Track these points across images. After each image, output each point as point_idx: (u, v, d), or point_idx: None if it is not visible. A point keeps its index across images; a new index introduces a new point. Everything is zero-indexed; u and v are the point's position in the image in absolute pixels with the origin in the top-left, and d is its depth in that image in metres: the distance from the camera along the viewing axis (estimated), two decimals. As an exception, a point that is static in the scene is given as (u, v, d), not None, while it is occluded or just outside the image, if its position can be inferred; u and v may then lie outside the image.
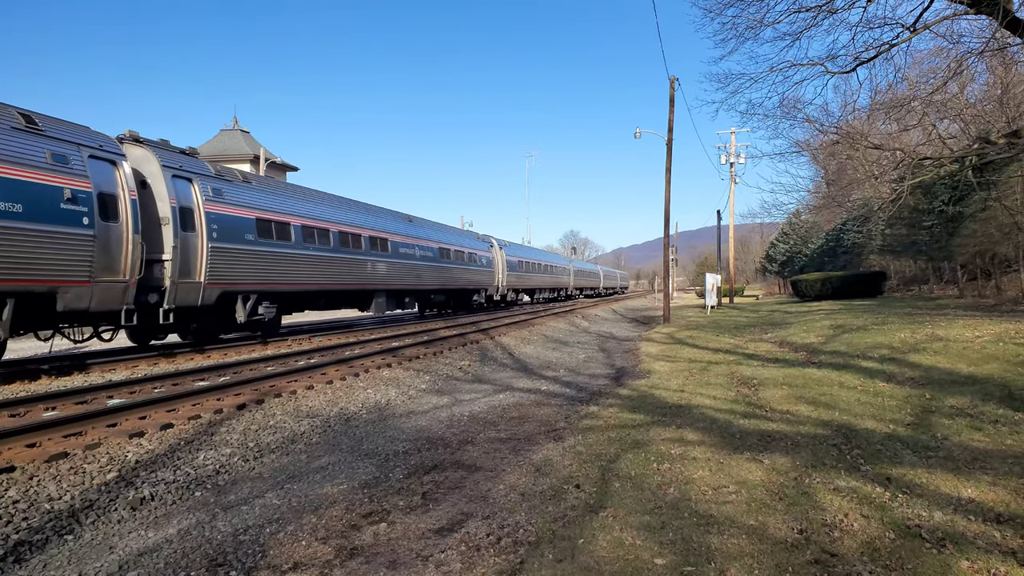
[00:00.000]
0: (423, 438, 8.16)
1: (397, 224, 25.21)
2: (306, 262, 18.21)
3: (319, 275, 18.82)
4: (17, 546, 4.74)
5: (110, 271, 12.05)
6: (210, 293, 14.68)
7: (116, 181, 12.40)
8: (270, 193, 17.60)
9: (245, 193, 16.32)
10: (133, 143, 13.95)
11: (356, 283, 21.02)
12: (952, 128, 24.16)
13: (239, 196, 16.00)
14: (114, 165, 12.48)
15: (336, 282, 19.74)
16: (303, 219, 18.31)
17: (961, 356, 11.24)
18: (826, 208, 46.21)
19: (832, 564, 4.03)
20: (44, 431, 7.06)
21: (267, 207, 16.95)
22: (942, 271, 34.36)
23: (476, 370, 14.14)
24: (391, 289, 23.65)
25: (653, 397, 10.05)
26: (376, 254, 22.39)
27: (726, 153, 46.75)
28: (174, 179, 14.06)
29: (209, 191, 14.94)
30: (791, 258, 62.39)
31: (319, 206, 19.91)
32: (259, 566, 4.47)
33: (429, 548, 4.66)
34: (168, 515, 5.54)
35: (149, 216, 13.34)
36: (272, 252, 16.70)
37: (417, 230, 26.98)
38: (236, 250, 15.44)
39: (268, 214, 16.83)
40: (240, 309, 15.88)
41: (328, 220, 19.75)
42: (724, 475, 5.83)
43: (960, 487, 5.29)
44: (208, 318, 15.65)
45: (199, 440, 7.44)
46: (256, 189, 17.00)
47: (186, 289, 14.03)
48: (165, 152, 14.44)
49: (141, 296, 13.11)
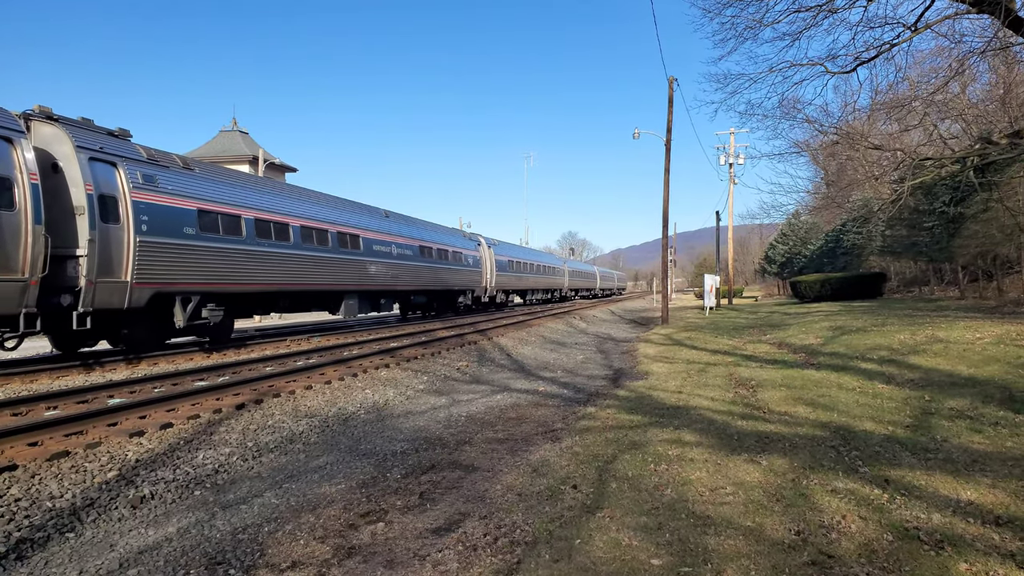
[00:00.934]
0: (421, 438, 8.18)
1: (371, 220, 23.37)
2: (262, 260, 16.32)
3: (278, 275, 16.93)
4: (19, 543, 4.76)
5: (3, 268, 10.44)
6: (140, 294, 12.72)
7: (12, 162, 10.73)
8: (217, 182, 15.68)
9: (185, 181, 14.40)
10: (43, 120, 12.15)
11: (323, 283, 19.13)
12: (954, 128, 24.19)
13: (177, 184, 14.07)
14: (10, 143, 10.84)
15: (298, 282, 17.86)
16: (258, 212, 16.44)
17: (961, 358, 11.24)
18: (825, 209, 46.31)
19: (829, 566, 4.04)
20: (46, 430, 7.08)
21: (213, 197, 15.00)
22: (943, 272, 34.38)
23: (474, 371, 14.15)
24: (364, 290, 21.81)
25: (651, 398, 10.06)
26: (346, 252, 20.52)
27: (725, 154, 46.74)
28: (92, 163, 12.12)
29: (139, 177, 12.97)
30: (790, 259, 62.38)
31: (279, 198, 18.04)
32: (258, 565, 4.48)
33: (426, 548, 4.67)
34: (168, 514, 5.56)
35: (59, 205, 11.67)
36: (219, 248, 14.85)
37: (395, 226, 25.18)
38: (173, 245, 13.51)
39: (214, 205, 14.93)
40: (179, 312, 13.99)
41: (289, 214, 17.85)
42: (721, 476, 5.84)
43: (959, 489, 5.29)
44: (140, 323, 13.76)
45: (198, 439, 7.45)
46: (199, 177, 15.03)
47: (108, 290, 12.10)
48: (82, 131, 12.55)
49: (49, 298, 11.46)
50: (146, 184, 13.15)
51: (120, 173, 12.64)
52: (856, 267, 42.60)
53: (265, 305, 17.94)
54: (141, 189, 12.95)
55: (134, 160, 13.20)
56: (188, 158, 15.46)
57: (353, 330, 22.06)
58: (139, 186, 12.92)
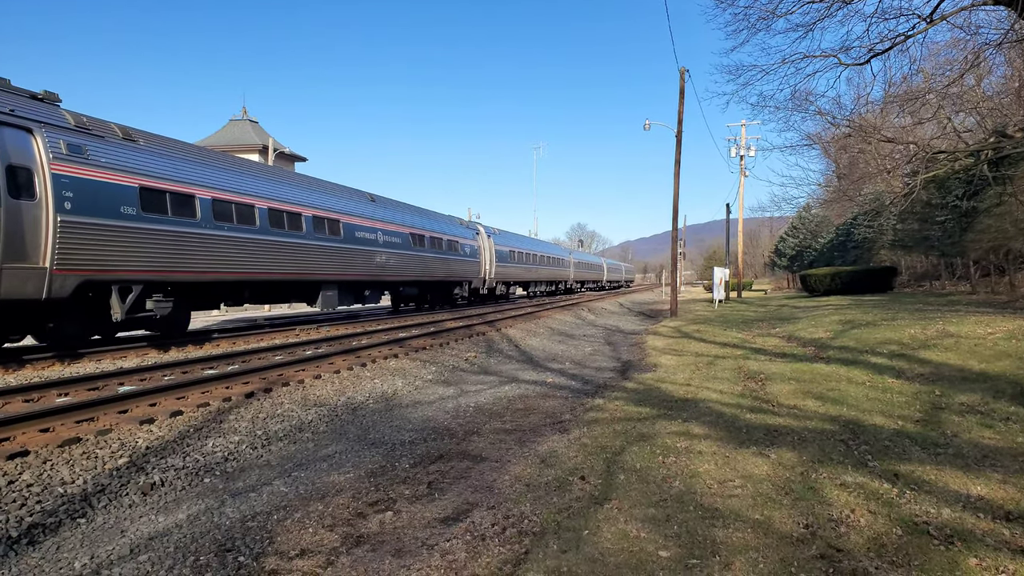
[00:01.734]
0: (429, 428, 8.20)
1: (354, 204, 21.67)
2: (220, 245, 14.72)
3: (241, 263, 15.33)
4: (31, 528, 4.80)
5: None
6: (62, 282, 11.10)
7: None
8: (166, 156, 13.96)
9: (124, 153, 12.73)
10: None
11: (294, 272, 17.52)
12: (968, 121, 23.96)
13: (114, 156, 12.42)
14: None
15: (265, 270, 16.26)
16: (214, 191, 14.75)
17: (972, 353, 11.16)
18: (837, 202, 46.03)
19: (838, 559, 4.02)
20: (57, 416, 7.14)
21: (159, 173, 13.37)
22: (954, 267, 34.11)
23: (482, 362, 14.16)
24: (345, 280, 20.28)
25: (659, 390, 10.04)
26: (323, 238, 18.94)
27: (736, 146, 46.53)
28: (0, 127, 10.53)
29: (62, 147, 11.33)
30: (800, 252, 62.07)
31: (242, 177, 16.24)
32: (267, 552, 4.51)
33: (435, 537, 4.69)
34: (178, 500, 5.60)
35: None
36: (166, 231, 13.26)
37: (381, 211, 23.45)
38: (106, 227, 11.92)
39: (161, 183, 13.31)
40: (116, 304, 12.35)
41: (253, 194, 16.14)
42: (730, 469, 5.83)
43: (969, 484, 5.26)
44: (69, 316, 12.34)
45: (208, 427, 7.50)
46: (143, 150, 13.35)
47: (19, 276, 10.45)
48: None
49: None
50: (72, 155, 11.50)
51: (36, 141, 10.99)
52: (867, 261, 42.32)
53: (226, 296, 16.59)
54: (65, 160, 11.31)
55: (57, 127, 11.50)
56: (130, 128, 13.69)
57: (362, 320, 22.10)
58: (62, 157, 11.28)
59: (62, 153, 11.31)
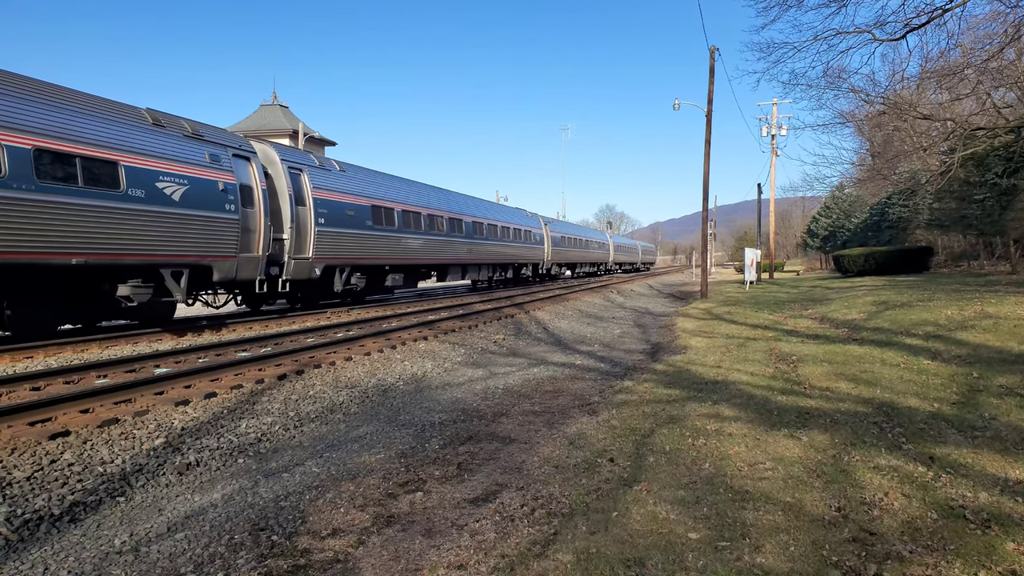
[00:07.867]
0: (459, 410, 8.26)
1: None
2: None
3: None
4: (73, 506, 4.95)
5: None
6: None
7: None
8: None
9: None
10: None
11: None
12: (1008, 97, 23.16)
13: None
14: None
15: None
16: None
17: (1012, 334, 10.88)
18: (871, 181, 44.92)
19: (871, 543, 3.97)
20: (96, 397, 7.32)
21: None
22: (993, 246, 33.20)
23: (511, 344, 14.20)
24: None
25: (689, 372, 9.98)
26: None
27: (767, 125, 45.62)
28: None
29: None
30: (833, 233, 60.83)
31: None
32: (299, 531, 4.60)
33: (464, 517, 4.73)
34: (213, 480, 5.73)
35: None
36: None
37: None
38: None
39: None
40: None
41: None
42: (760, 451, 5.78)
43: (1008, 468, 5.14)
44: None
45: (241, 409, 7.64)
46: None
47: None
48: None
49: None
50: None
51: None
52: (901, 241, 41.39)
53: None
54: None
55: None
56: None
57: (407, 301, 22.34)
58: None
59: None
